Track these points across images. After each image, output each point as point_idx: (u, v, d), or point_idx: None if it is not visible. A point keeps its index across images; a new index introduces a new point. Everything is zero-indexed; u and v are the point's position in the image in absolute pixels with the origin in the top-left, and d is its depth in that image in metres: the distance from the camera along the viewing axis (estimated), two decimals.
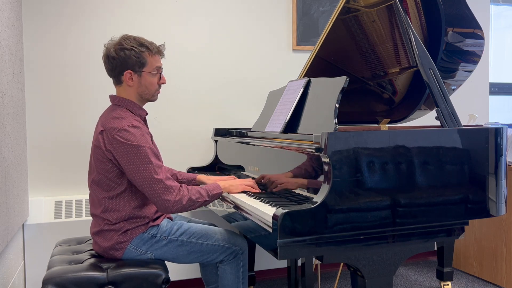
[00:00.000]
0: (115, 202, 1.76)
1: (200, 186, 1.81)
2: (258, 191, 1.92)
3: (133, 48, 1.77)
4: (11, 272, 2.17)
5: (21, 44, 2.44)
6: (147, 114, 1.90)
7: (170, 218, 1.94)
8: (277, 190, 1.85)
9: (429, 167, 1.60)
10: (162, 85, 1.89)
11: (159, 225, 1.84)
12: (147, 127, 1.87)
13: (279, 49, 3.09)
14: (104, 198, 1.76)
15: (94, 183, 1.79)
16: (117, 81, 1.83)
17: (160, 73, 1.86)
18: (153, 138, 1.92)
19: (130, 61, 1.77)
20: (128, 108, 1.82)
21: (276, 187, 1.86)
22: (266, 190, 1.93)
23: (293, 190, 1.74)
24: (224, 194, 1.97)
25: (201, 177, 2.17)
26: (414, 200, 1.57)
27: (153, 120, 2.78)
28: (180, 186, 1.73)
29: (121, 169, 1.73)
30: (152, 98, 1.88)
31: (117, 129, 1.69)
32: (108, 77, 1.86)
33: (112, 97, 1.86)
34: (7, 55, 2.04)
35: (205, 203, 1.79)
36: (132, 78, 1.80)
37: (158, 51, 1.84)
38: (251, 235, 1.71)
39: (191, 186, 1.78)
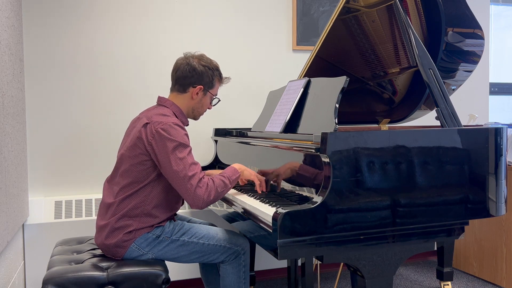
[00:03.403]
0: (135, 195, 1.79)
1: (220, 174, 1.83)
2: (263, 189, 1.90)
3: (212, 69, 1.93)
4: (11, 272, 2.17)
5: (21, 44, 2.44)
6: (187, 124, 1.97)
7: (173, 219, 1.94)
8: (278, 186, 1.85)
9: (429, 167, 1.60)
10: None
11: (163, 226, 1.84)
12: None
13: (279, 49, 3.09)
14: (126, 189, 1.79)
15: (121, 173, 1.82)
16: (182, 89, 1.93)
17: (213, 100, 2.01)
18: None
19: (206, 78, 1.92)
20: (175, 113, 1.90)
21: (277, 185, 1.86)
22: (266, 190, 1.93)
23: (293, 190, 1.74)
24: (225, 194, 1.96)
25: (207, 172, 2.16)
26: (414, 200, 1.57)
27: None
28: (208, 179, 1.76)
29: (153, 164, 1.78)
30: (198, 116, 2.02)
31: (162, 123, 1.76)
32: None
33: (162, 99, 1.95)
34: (7, 55, 2.04)
35: (228, 191, 1.83)
36: (197, 93, 1.93)
37: (223, 81, 2.02)
38: (251, 235, 1.71)
39: (214, 176, 1.80)
